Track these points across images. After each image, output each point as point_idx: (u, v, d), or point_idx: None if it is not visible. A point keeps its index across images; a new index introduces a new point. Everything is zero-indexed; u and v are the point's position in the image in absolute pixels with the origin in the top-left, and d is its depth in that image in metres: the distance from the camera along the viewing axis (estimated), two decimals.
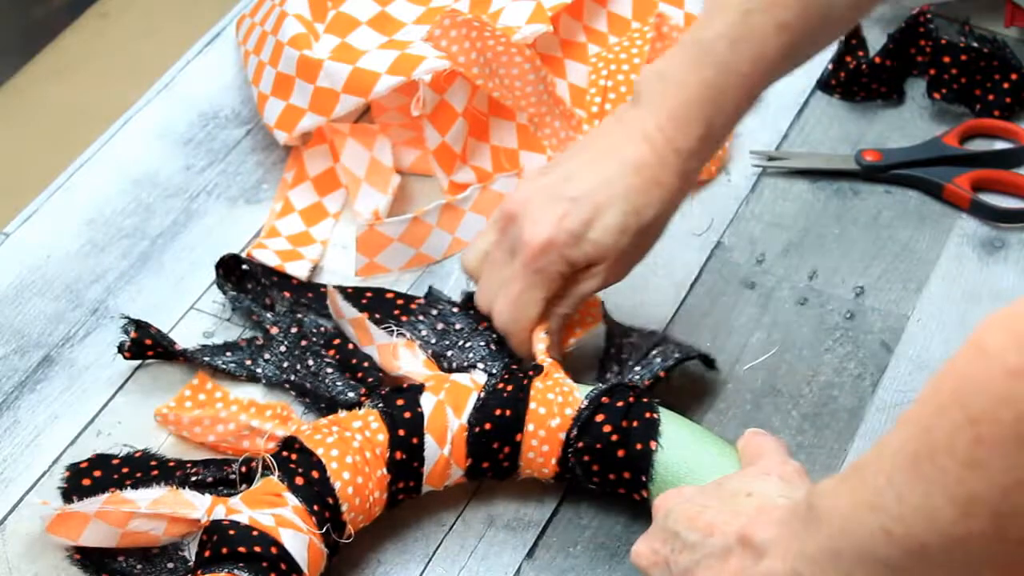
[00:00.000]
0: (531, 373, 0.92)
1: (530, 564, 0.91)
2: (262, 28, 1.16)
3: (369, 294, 1.03)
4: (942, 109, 1.20)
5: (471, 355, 0.95)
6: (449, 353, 0.95)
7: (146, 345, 0.99)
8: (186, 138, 1.16)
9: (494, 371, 0.93)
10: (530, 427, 0.91)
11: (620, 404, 0.91)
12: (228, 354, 1.00)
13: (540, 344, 0.94)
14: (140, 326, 0.99)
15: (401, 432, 0.90)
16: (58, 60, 1.25)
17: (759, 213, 1.12)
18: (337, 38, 1.14)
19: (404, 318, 0.99)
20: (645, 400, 0.91)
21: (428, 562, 0.92)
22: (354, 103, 1.08)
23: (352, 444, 0.88)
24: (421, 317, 0.98)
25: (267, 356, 0.99)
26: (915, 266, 1.08)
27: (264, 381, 0.98)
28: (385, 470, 0.89)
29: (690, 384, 1.00)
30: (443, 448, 0.90)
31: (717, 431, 0.97)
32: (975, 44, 1.18)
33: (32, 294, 1.05)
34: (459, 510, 0.94)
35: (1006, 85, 1.17)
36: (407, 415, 0.90)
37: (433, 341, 0.96)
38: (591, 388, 0.92)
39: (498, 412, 0.91)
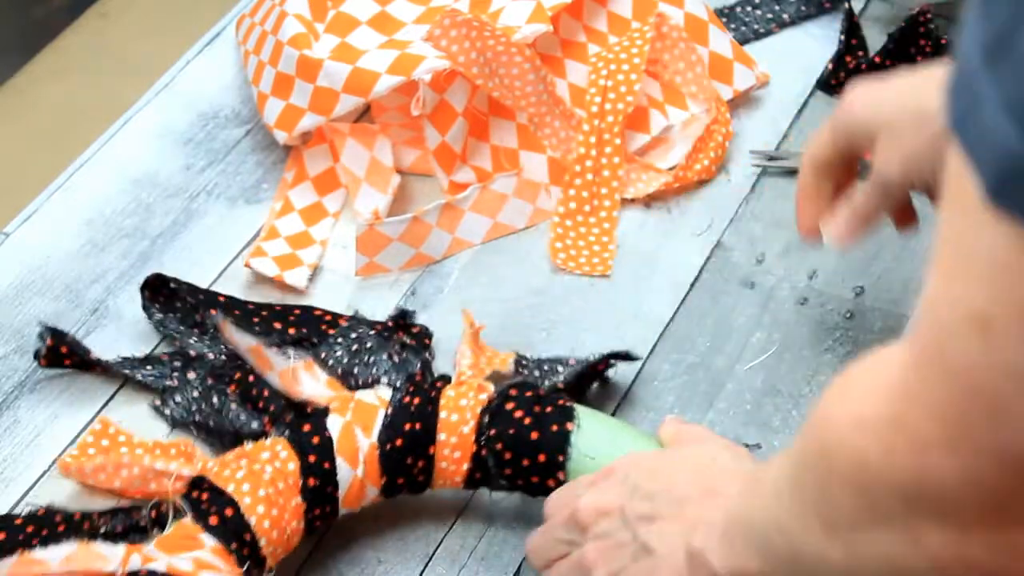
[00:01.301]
0: (439, 384, 0.91)
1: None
2: (262, 28, 1.16)
3: (297, 311, 1.01)
4: None
5: (375, 370, 0.94)
6: (355, 370, 0.95)
7: (62, 353, 0.97)
8: (186, 138, 1.16)
9: (398, 384, 0.92)
10: (442, 436, 0.89)
11: (530, 394, 0.90)
12: (148, 367, 0.98)
13: (464, 361, 0.94)
14: (56, 334, 0.97)
15: (311, 458, 0.87)
16: (58, 60, 1.25)
17: (759, 213, 1.12)
18: (337, 38, 1.14)
19: (331, 331, 0.98)
20: (555, 394, 0.91)
21: (428, 562, 0.92)
22: (354, 103, 1.08)
23: (263, 476, 0.86)
24: (340, 339, 0.97)
25: (178, 399, 0.97)
26: (915, 266, 1.08)
27: (171, 424, 0.96)
28: (300, 498, 0.87)
29: (690, 384, 1.01)
30: (356, 469, 0.88)
31: (718, 431, 0.98)
32: None
33: (32, 294, 1.05)
34: (459, 510, 0.94)
35: None
36: (315, 440, 0.88)
37: (344, 360, 0.95)
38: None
39: (408, 427, 0.89)
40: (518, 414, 0.89)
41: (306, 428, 0.88)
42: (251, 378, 0.94)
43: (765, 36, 1.25)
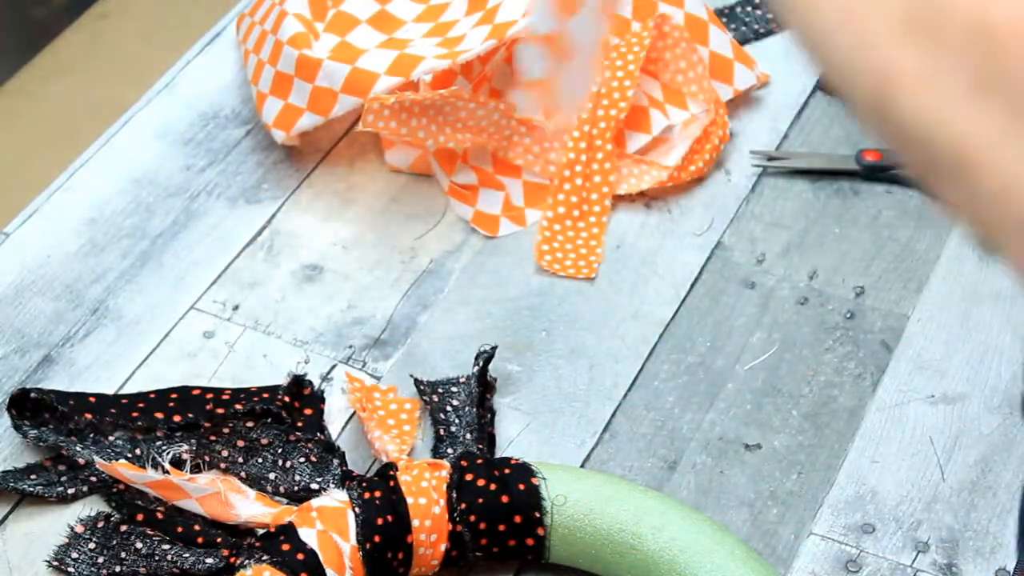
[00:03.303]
0: (391, 472, 0.88)
1: (530, 564, 0.91)
2: (262, 27, 1.16)
3: (174, 395, 0.96)
4: None
5: (297, 476, 0.91)
6: (272, 476, 0.91)
7: None
8: (186, 138, 1.16)
9: (328, 486, 0.90)
10: (416, 522, 0.87)
11: (480, 461, 0.89)
12: (33, 476, 0.93)
13: (390, 446, 0.92)
14: None
15: None
16: (58, 60, 1.24)
17: (759, 213, 1.12)
18: (337, 37, 1.14)
19: (219, 410, 0.93)
20: (502, 458, 0.91)
21: None
22: (353, 103, 1.08)
23: None
24: (214, 438, 0.92)
25: (75, 555, 0.89)
26: (915, 266, 1.08)
27: None
28: None
29: (690, 384, 1.01)
30: None
31: (718, 431, 0.98)
32: None
33: (32, 294, 1.05)
34: None
35: None
36: (300, 556, 0.84)
37: (241, 461, 0.91)
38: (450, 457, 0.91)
39: (380, 521, 0.86)
40: (481, 483, 0.88)
41: (286, 547, 0.84)
42: (160, 512, 0.88)
43: (765, 36, 1.25)
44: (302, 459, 0.92)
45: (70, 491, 0.93)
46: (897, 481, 0.96)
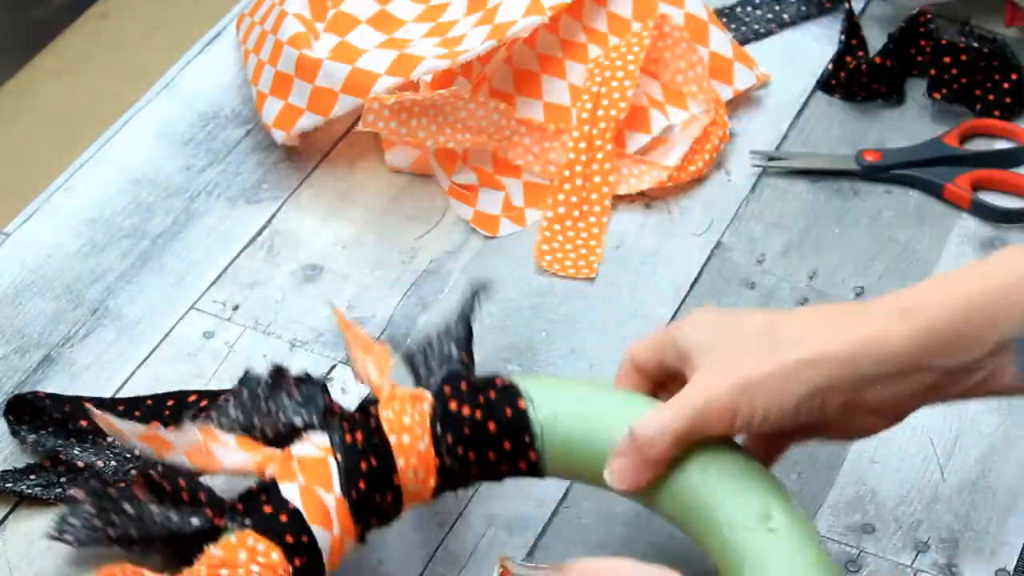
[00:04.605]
0: (372, 409, 0.85)
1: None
2: (262, 27, 1.16)
3: (171, 402, 0.95)
4: (942, 109, 1.20)
5: (280, 416, 0.86)
6: (256, 421, 0.87)
7: None
8: (186, 138, 1.16)
9: (314, 422, 0.85)
10: (401, 462, 0.84)
11: (464, 385, 0.85)
12: (32, 477, 0.92)
13: (372, 370, 0.88)
14: None
15: (289, 539, 0.81)
16: (58, 60, 1.24)
17: (759, 213, 1.12)
18: (337, 37, 1.14)
19: (213, 409, 0.90)
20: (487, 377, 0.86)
21: (428, 562, 0.92)
22: (353, 103, 1.08)
23: None
24: (230, 398, 0.89)
25: (73, 521, 0.86)
26: (915, 266, 1.08)
27: (78, 546, 0.86)
28: None
29: None
30: (332, 530, 0.83)
31: None
32: (975, 44, 1.18)
33: (32, 294, 1.05)
34: (459, 510, 0.94)
35: (1006, 85, 1.17)
36: (283, 518, 0.81)
37: (241, 418, 0.88)
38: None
39: (364, 466, 0.83)
40: (466, 411, 0.84)
41: (268, 509, 0.81)
42: (157, 472, 0.86)
43: (765, 36, 1.25)
44: (285, 396, 0.87)
45: (69, 492, 0.91)
46: (897, 481, 0.96)
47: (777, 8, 1.26)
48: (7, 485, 0.92)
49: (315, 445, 0.84)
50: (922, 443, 0.98)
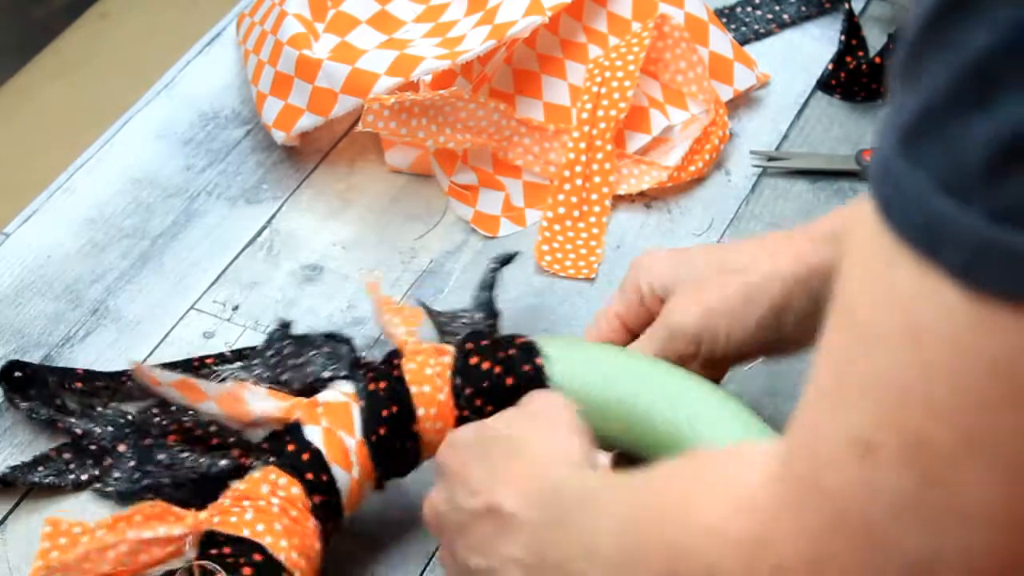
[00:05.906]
0: (395, 361, 0.89)
1: None
2: (262, 27, 1.16)
3: (196, 363, 0.98)
4: None
5: (308, 368, 0.90)
6: (285, 377, 0.91)
7: None
8: (186, 138, 1.16)
9: (342, 373, 0.89)
10: (421, 411, 0.87)
11: (486, 342, 0.89)
12: (41, 468, 0.93)
13: (399, 328, 0.91)
14: None
15: (309, 476, 0.85)
16: (58, 60, 1.25)
17: (759, 213, 1.12)
18: (337, 37, 1.14)
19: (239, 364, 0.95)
20: (508, 336, 0.89)
21: (428, 562, 0.92)
22: (353, 103, 1.08)
23: (272, 511, 0.83)
24: (256, 360, 0.94)
25: (116, 474, 0.92)
26: None
27: (117, 500, 0.91)
28: (313, 520, 0.84)
29: None
30: (351, 472, 0.86)
31: None
32: None
33: (32, 294, 1.05)
34: None
35: None
36: (305, 457, 0.85)
37: (267, 375, 0.92)
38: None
39: (385, 413, 0.87)
40: (485, 366, 0.88)
41: (291, 448, 0.85)
42: (187, 422, 0.90)
43: (765, 36, 1.25)
44: (312, 351, 0.92)
45: (83, 477, 0.94)
46: None
47: (777, 8, 1.27)
48: (19, 478, 0.93)
49: (340, 391, 0.88)
50: None
